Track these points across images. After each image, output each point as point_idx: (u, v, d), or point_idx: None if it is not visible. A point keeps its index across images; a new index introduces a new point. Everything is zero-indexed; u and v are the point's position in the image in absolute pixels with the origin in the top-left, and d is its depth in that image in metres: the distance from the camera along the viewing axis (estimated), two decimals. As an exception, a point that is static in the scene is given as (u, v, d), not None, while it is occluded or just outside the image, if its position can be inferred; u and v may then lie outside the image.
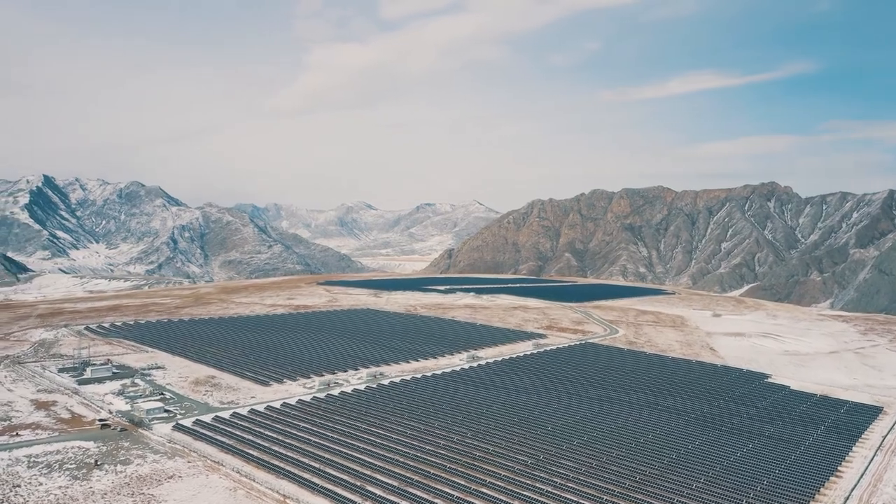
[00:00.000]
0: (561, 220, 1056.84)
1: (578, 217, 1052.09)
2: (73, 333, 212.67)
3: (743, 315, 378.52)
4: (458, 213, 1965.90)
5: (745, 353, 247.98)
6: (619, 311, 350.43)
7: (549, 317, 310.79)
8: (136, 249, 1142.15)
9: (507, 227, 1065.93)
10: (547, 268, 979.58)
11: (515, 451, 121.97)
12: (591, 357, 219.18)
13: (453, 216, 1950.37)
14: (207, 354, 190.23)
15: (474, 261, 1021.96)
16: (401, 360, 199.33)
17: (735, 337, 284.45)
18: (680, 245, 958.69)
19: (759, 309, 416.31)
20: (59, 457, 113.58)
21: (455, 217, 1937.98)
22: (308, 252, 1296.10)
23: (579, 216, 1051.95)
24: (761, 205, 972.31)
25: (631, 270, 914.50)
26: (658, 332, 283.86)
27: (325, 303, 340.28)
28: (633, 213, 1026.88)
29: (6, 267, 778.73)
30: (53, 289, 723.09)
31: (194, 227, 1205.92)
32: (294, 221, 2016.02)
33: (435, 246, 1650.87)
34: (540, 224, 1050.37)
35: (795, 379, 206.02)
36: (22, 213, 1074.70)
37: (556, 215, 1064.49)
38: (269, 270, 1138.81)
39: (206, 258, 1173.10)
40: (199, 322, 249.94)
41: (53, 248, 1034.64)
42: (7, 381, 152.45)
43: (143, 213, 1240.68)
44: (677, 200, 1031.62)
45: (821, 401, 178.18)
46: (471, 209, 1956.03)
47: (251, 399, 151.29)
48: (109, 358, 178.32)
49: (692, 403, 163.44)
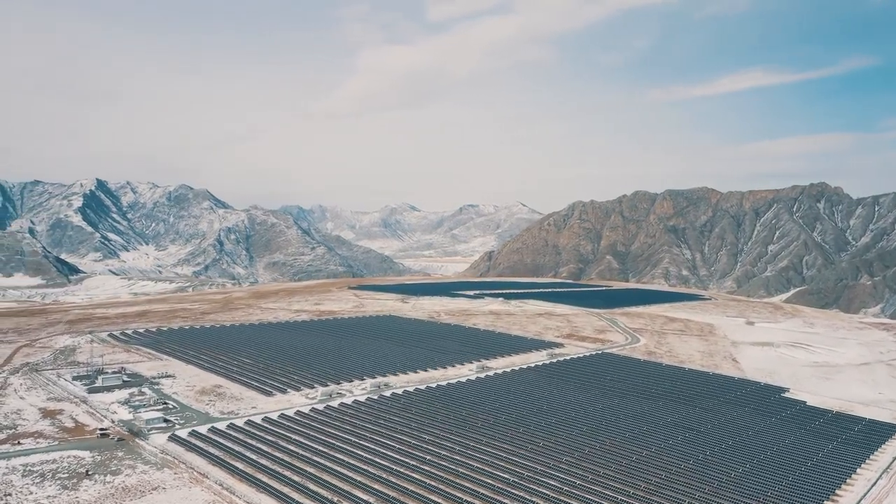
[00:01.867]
0: (602, 222, 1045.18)
1: (620, 219, 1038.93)
2: (95, 340, 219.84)
3: (778, 323, 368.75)
4: (500, 214, 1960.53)
5: (768, 364, 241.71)
6: (648, 318, 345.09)
7: (572, 324, 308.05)
8: (183, 251, 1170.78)
9: (547, 230, 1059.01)
10: (588, 270, 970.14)
11: (501, 468, 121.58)
12: (604, 368, 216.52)
13: (496, 217, 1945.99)
14: (218, 363, 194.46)
15: (514, 263, 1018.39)
16: (409, 369, 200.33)
17: (762, 347, 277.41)
18: (725, 248, 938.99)
19: (796, 316, 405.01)
20: (54, 466, 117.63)
21: (498, 218, 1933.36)
22: (350, 254, 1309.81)
23: (621, 218, 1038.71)
24: (810, 206, 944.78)
25: (673, 273, 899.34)
26: (682, 341, 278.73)
27: (350, 308, 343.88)
28: (676, 215, 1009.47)
29: (58, 269, 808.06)
30: (102, 290, 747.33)
31: (240, 229, 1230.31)
32: (339, 223, 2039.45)
33: (477, 247, 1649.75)
34: (581, 226, 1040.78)
35: (815, 393, 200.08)
36: (76, 216, 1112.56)
37: (597, 217, 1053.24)
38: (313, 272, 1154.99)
39: (251, 260, 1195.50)
40: (220, 329, 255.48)
41: (105, 249, 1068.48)
42: (21, 388, 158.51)
43: (191, 216, 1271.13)
44: (723, 202, 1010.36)
45: (835, 417, 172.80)
46: (514, 210, 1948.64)
47: (252, 409, 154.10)
48: (123, 366, 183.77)
49: (693, 419, 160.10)
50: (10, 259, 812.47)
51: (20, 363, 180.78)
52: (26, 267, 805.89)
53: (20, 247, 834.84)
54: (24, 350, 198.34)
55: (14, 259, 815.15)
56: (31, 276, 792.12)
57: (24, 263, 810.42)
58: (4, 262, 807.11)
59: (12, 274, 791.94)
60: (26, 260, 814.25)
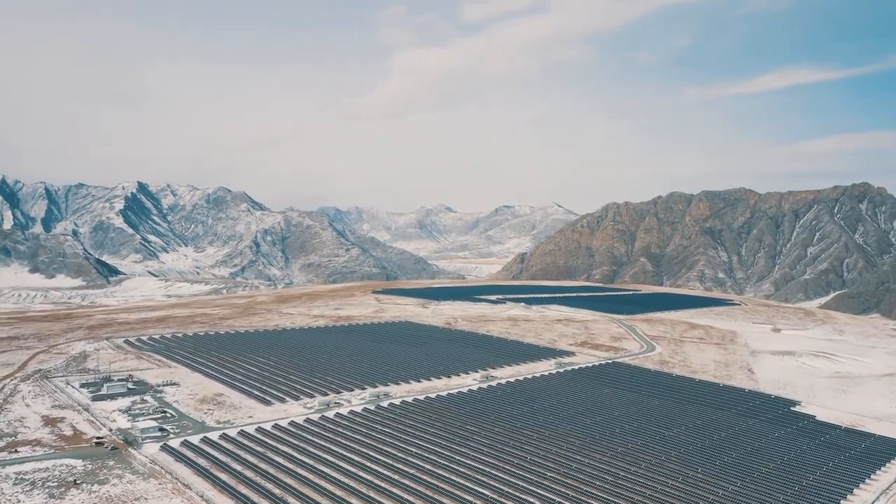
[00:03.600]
0: (637, 224, 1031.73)
1: (655, 220, 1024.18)
2: (111, 347, 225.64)
3: (806, 330, 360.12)
4: (536, 215, 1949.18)
5: (785, 375, 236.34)
6: (669, 324, 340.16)
7: (589, 331, 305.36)
8: (221, 252, 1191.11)
9: (580, 231, 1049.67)
10: (621, 273, 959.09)
11: (482, 483, 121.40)
12: (610, 379, 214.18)
13: (531, 218, 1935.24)
14: (224, 371, 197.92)
15: (546, 265, 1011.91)
16: (411, 378, 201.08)
17: (783, 356, 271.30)
18: (763, 249, 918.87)
19: (826, 322, 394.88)
20: (46, 474, 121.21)
21: (533, 219, 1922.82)
22: (385, 255, 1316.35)
23: (656, 220, 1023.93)
24: (852, 207, 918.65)
25: (709, 276, 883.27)
26: (699, 350, 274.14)
27: (369, 313, 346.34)
28: (712, 217, 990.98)
29: (98, 270, 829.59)
30: (139, 292, 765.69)
31: (276, 231, 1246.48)
32: (375, 224, 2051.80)
33: (512, 248, 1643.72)
34: (615, 228, 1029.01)
35: (828, 407, 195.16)
36: (117, 218, 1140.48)
37: (631, 219, 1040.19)
38: (347, 273, 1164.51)
39: (286, 261, 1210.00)
40: (233, 336, 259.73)
41: (145, 251, 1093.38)
42: (29, 395, 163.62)
43: (229, 218, 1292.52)
44: (761, 203, 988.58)
45: (844, 433, 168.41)
46: (549, 211, 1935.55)
47: (248, 419, 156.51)
48: (132, 373, 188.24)
49: (689, 434, 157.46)
50: (52, 261, 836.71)
51: (33, 370, 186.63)
52: (68, 268, 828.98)
53: (62, 249, 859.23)
54: (40, 356, 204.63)
55: (57, 261, 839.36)
56: (72, 277, 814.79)
57: (66, 265, 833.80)
58: (48, 264, 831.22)
59: (55, 275, 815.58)
60: (68, 262, 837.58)
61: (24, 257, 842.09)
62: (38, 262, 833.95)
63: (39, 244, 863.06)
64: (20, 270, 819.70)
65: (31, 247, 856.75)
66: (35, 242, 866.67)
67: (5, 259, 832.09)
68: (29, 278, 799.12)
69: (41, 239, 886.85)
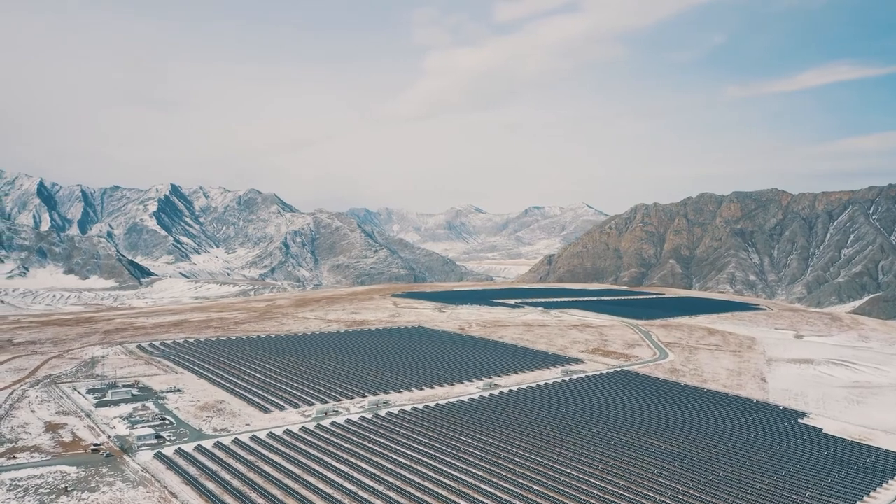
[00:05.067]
0: (666, 226, 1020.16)
1: (685, 222, 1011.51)
2: (123, 352, 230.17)
3: (830, 336, 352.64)
4: (566, 216, 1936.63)
5: (799, 384, 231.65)
6: (687, 330, 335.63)
7: (603, 338, 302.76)
8: (251, 254, 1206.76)
9: (608, 233, 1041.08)
10: (650, 275, 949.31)
11: (466, 497, 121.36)
12: (614, 388, 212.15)
13: (561, 219, 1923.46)
14: (228, 377, 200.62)
15: (573, 267, 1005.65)
16: (413, 386, 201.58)
17: (800, 364, 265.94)
18: (795, 252, 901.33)
19: (853, 328, 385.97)
20: (39, 481, 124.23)
21: (563, 220, 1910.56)
22: (413, 256, 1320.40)
23: (685, 221, 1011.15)
24: (888, 208, 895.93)
25: (740, 279, 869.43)
26: (713, 357, 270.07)
27: (385, 318, 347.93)
28: (744, 218, 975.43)
29: (130, 272, 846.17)
30: (169, 293, 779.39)
31: (305, 233, 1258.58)
32: (405, 225, 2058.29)
33: (542, 249, 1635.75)
34: (643, 229, 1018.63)
35: (837, 419, 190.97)
36: (150, 220, 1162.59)
37: (660, 220, 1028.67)
38: (375, 275, 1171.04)
39: (315, 262, 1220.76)
40: (244, 341, 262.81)
41: (177, 252, 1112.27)
42: (35, 401, 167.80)
43: (260, 219, 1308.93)
44: (794, 204, 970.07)
45: (849, 447, 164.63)
46: (579, 212, 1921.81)
47: (244, 427, 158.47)
48: (138, 379, 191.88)
49: (686, 447, 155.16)
50: (86, 262, 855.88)
51: (43, 375, 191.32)
52: (101, 270, 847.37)
53: (96, 250, 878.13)
54: (52, 361, 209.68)
55: (90, 262, 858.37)
56: (105, 278, 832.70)
57: (100, 266, 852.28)
58: (82, 265, 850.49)
59: (88, 276, 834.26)
60: (101, 263, 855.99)
61: (60, 259, 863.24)
62: (72, 264, 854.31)
63: (74, 246, 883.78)
64: (55, 272, 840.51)
65: (66, 248, 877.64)
66: (70, 244, 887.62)
67: (41, 260, 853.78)
68: (64, 279, 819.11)
69: (76, 240, 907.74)
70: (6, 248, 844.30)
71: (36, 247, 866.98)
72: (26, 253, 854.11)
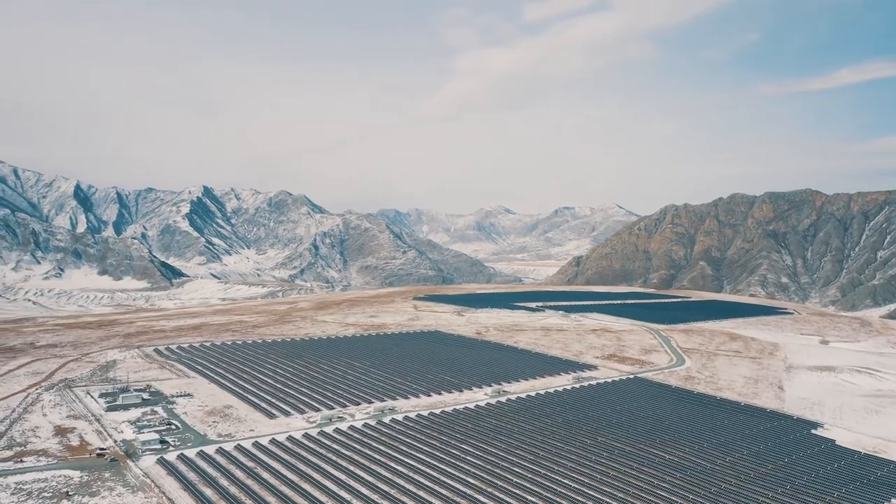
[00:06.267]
0: (696, 227, 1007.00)
1: (715, 223, 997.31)
2: (140, 356, 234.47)
3: (856, 342, 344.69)
4: (596, 216, 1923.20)
5: (817, 393, 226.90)
6: (708, 335, 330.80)
7: (620, 343, 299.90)
8: (281, 255, 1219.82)
9: (637, 234, 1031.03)
10: (680, 277, 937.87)
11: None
12: (625, 396, 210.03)
13: (592, 220, 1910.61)
14: (239, 381, 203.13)
15: (602, 269, 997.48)
16: (421, 392, 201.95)
17: (820, 372, 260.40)
18: (829, 253, 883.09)
19: (882, 333, 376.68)
20: (43, 485, 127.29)
21: (594, 221, 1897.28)
22: (441, 257, 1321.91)
23: (716, 222, 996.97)
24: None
25: (772, 281, 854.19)
26: (731, 364, 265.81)
27: (403, 321, 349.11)
28: (776, 219, 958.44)
29: (162, 273, 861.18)
30: (199, 294, 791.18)
31: (335, 234, 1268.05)
32: (434, 226, 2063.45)
33: (572, 250, 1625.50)
34: (673, 231, 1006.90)
35: (852, 430, 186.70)
36: (183, 222, 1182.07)
37: (690, 221, 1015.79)
38: (403, 276, 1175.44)
39: (344, 263, 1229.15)
40: (259, 345, 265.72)
41: (209, 253, 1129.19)
42: (49, 405, 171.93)
43: (290, 221, 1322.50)
44: (828, 204, 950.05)
45: (860, 460, 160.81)
46: (610, 213, 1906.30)
47: (248, 433, 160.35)
48: (150, 384, 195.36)
49: (690, 458, 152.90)
50: (120, 263, 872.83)
51: (59, 379, 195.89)
52: (134, 271, 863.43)
53: (129, 252, 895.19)
54: (70, 365, 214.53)
55: (124, 263, 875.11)
56: (137, 279, 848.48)
57: (133, 268, 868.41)
58: (115, 266, 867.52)
59: (122, 277, 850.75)
60: (134, 264, 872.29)
61: (94, 260, 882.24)
62: (106, 265, 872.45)
63: (108, 247, 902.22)
64: (90, 272, 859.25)
65: (100, 250, 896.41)
66: (104, 245, 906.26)
67: (76, 261, 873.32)
68: (98, 280, 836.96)
69: (110, 242, 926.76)
70: (43, 249, 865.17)
71: (71, 248, 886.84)
72: (62, 254, 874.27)
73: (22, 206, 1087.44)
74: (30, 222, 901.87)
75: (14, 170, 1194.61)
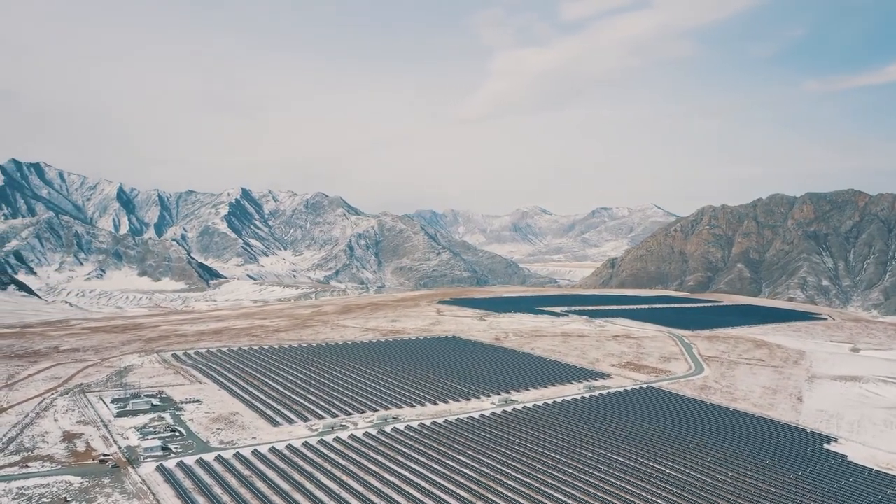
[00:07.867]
0: (734, 228, 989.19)
1: (754, 224, 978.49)
2: (158, 361, 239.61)
3: (890, 350, 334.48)
4: (634, 217, 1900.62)
5: (837, 404, 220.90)
6: (732, 342, 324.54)
7: (640, 350, 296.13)
8: (317, 256, 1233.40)
9: (673, 236, 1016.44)
10: (717, 279, 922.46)
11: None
12: (635, 406, 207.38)
13: (629, 221, 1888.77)
14: (248, 388, 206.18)
15: (637, 271, 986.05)
16: (427, 400, 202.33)
17: (844, 382, 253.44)
18: (872, 255, 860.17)
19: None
20: (44, 490, 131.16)
21: (631, 222, 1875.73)
22: (476, 259, 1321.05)
23: (755, 223, 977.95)
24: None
25: (812, 284, 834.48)
26: (751, 374, 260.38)
27: (423, 326, 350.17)
28: (817, 220, 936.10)
29: (200, 274, 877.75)
30: (235, 295, 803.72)
31: (370, 235, 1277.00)
32: (470, 227, 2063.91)
33: (609, 252, 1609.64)
34: (710, 232, 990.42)
35: (869, 444, 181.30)
36: (222, 224, 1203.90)
37: (728, 223, 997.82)
38: (437, 277, 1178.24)
39: (379, 265, 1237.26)
40: (276, 351, 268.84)
41: (246, 255, 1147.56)
42: (61, 410, 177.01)
43: (326, 222, 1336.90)
44: (871, 205, 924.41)
45: (870, 478, 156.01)
46: (648, 213, 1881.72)
47: (250, 441, 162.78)
48: (162, 389, 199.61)
49: (689, 473, 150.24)
50: (159, 265, 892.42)
51: (75, 384, 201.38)
52: (173, 272, 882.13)
53: (168, 253, 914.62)
54: (88, 370, 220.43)
55: (163, 265, 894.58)
56: (175, 280, 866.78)
57: (171, 269, 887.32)
58: (154, 268, 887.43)
59: (160, 279, 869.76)
60: (173, 266, 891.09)
61: (134, 261, 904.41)
62: (146, 266, 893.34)
63: (148, 249, 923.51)
64: (130, 273, 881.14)
65: (140, 251, 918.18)
66: (144, 247, 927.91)
67: (117, 263, 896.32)
68: (137, 281, 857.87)
69: (149, 243, 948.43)
70: (85, 250, 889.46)
71: (112, 250, 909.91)
72: (104, 256, 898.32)
73: (67, 208, 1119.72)
74: (73, 224, 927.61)
75: (60, 173, 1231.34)
